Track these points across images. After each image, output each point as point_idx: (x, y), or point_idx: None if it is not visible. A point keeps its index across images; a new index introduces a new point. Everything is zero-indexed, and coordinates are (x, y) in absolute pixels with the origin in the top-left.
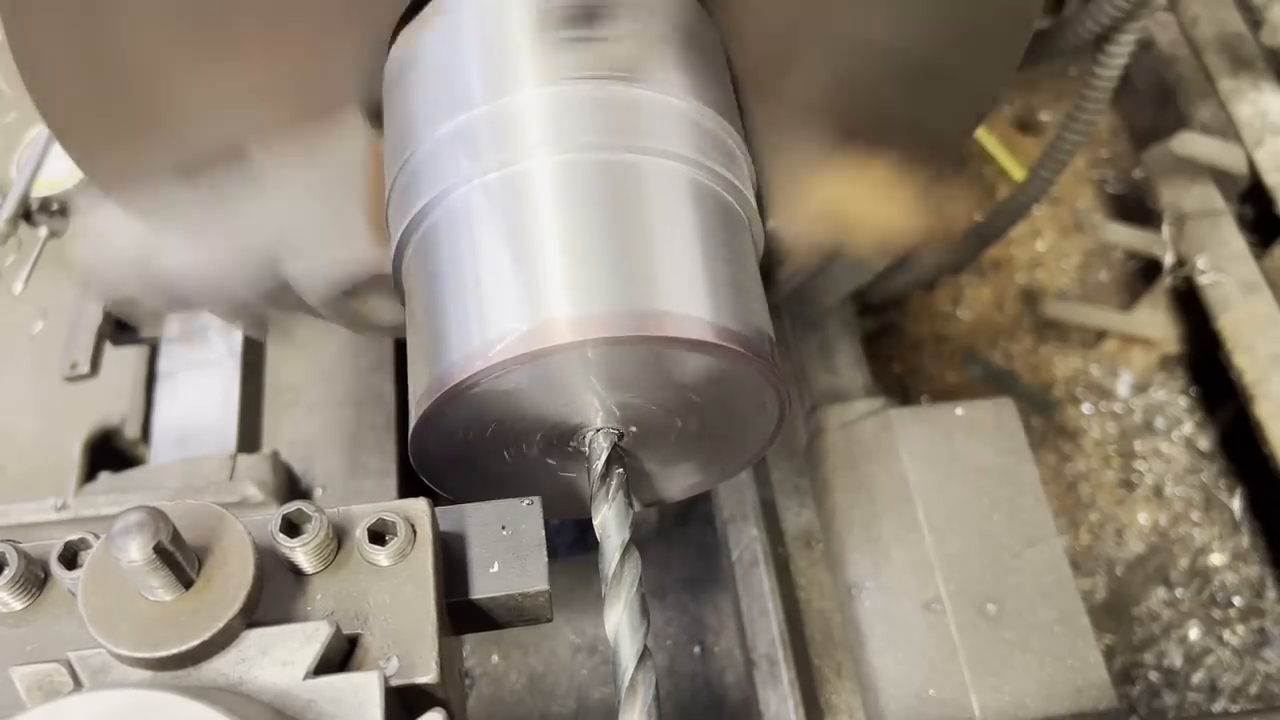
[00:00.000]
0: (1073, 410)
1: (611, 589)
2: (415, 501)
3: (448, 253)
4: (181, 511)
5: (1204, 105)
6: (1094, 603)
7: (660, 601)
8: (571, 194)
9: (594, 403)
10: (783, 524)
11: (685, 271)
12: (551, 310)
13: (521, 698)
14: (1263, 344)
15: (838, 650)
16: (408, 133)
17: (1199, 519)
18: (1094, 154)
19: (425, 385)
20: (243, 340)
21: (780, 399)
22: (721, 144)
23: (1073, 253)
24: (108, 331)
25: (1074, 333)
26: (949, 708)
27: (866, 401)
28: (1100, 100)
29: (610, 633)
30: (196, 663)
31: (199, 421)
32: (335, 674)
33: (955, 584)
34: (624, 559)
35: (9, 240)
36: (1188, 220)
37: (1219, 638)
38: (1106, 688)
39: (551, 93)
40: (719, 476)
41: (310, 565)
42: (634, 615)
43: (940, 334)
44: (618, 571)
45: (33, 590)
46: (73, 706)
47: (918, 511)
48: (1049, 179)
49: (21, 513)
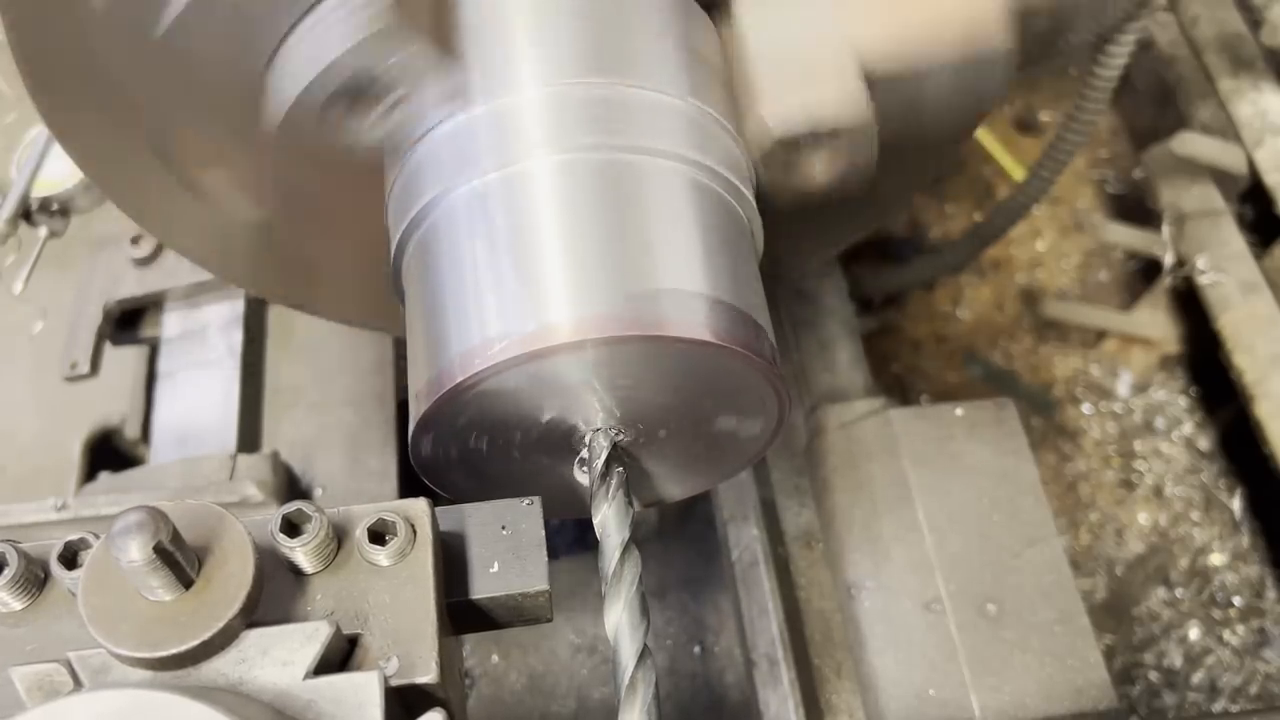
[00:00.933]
0: (1073, 410)
1: (611, 587)
2: (415, 501)
3: (447, 253)
4: (181, 511)
5: (1204, 105)
6: (1094, 603)
7: (660, 601)
8: (571, 194)
9: (594, 403)
10: (783, 524)
11: (685, 272)
12: (551, 310)
13: (521, 698)
14: (1263, 344)
15: (838, 650)
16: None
17: (1199, 519)
18: (1094, 154)
19: (425, 385)
20: (243, 340)
21: (780, 399)
22: (721, 144)
23: (1073, 253)
24: (108, 331)
25: (1074, 333)
26: (949, 708)
27: (866, 401)
28: (1100, 100)
29: (610, 631)
30: (196, 663)
31: (199, 421)
32: (335, 674)
33: (955, 584)
34: (624, 558)
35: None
36: (1188, 220)
37: (1219, 638)
38: (1106, 688)
39: (551, 93)
40: (719, 476)
41: (310, 565)
42: (634, 614)
43: (940, 334)
44: (618, 570)
45: (33, 590)
46: (73, 706)
47: (918, 511)
48: (1049, 179)
49: (21, 513)
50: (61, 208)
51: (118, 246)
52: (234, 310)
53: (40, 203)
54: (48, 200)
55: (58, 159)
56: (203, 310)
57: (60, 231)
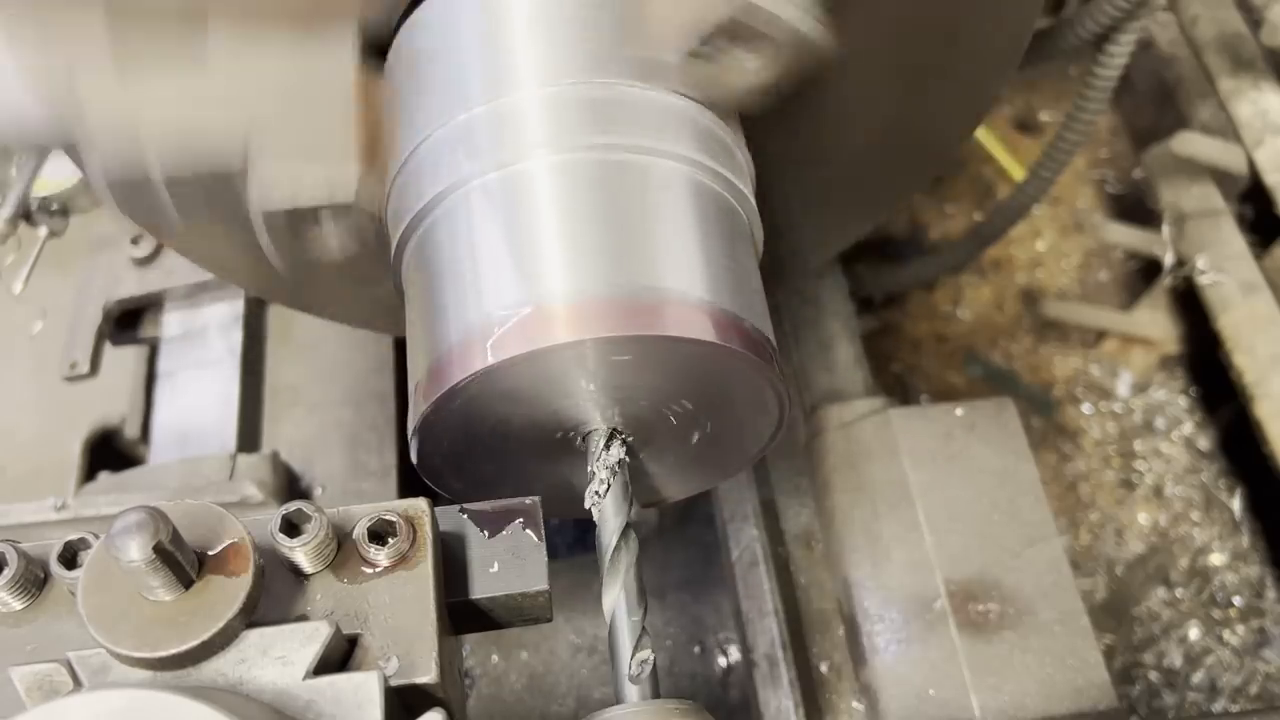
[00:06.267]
0: (1073, 410)
1: (609, 570)
2: (415, 501)
3: (447, 253)
4: (181, 511)
5: (1204, 105)
6: (1094, 603)
7: (660, 601)
8: (570, 194)
9: (593, 402)
10: (783, 524)
11: (685, 271)
12: (551, 310)
13: (521, 698)
14: (1263, 344)
15: (838, 650)
16: (407, 132)
17: (1199, 519)
18: (1094, 154)
19: (424, 384)
20: (243, 340)
21: (780, 399)
22: (721, 144)
23: (1073, 253)
24: (108, 331)
25: (1074, 333)
26: (949, 708)
27: (866, 401)
28: (1100, 100)
29: (607, 612)
30: (196, 663)
31: (199, 421)
32: (335, 674)
33: (955, 584)
34: (622, 541)
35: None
36: (1188, 220)
37: (1219, 638)
38: (1106, 688)
39: (551, 92)
40: (719, 476)
41: (310, 565)
42: (631, 597)
43: (940, 334)
44: (615, 555)
45: (33, 590)
46: (73, 706)
47: (918, 511)
48: (1049, 179)
49: (21, 513)
50: (61, 208)
51: (117, 246)
52: (234, 310)
53: (40, 203)
54: (48, 200)
55: (58, 159)
56: (203, 310)
57: (60, 231)
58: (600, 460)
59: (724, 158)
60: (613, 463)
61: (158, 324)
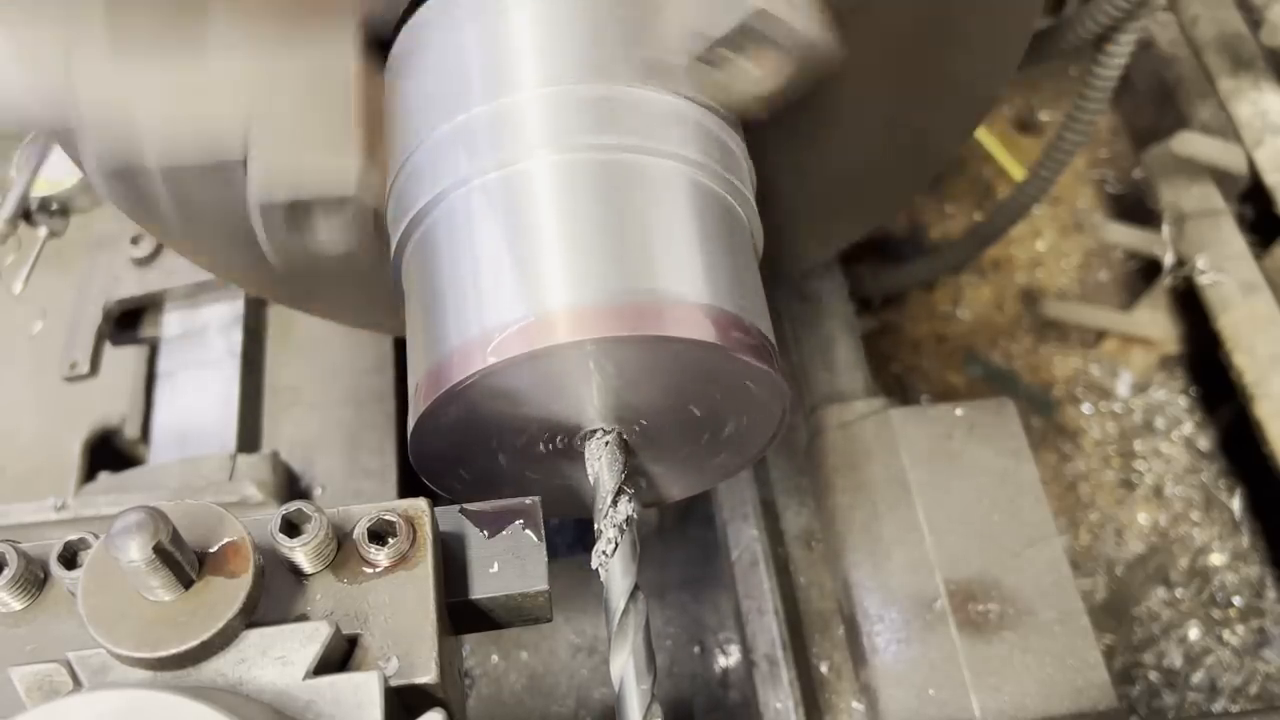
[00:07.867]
0: (1073, 410)
1: (617, 635)
2: (415, 501)
3: (446, 253)
4: (181, 511)
5: (1204, 105)
6: (1094, 603)
7: (660, 601)
8: (570, 194)
9: (593, 402)
10: (783, 524)
11: (685, 271)
12: (551, 310)
13: (521, 698)
14: (1263, 344)
15: (838, 650)
16: (407, 132)
17: (1199, 519)
18: (1094, 154)
19: (424, 385)
20: (243, 340)
21: (781, 399)
22: (721, 144)
23: (1073, 253)
24: (107, 331)
25: (1074, 333)
26: (949, 708)
27: (866, 401)
28: (1100, 100)
29: (615, 679)
30: (196, 663)
31: (199, 421)
32: (335, 674)
33: (955, 584)
34: (630, 604)
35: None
36: (1188, 220)
37: (1219, 638)
38: (1106, 688)
39: (550, 93)
40: (719, 476)
41: (310, 565)
42: (640, 662)
43: (940, 334)
44: (623, 620)
45: (33, 590)
46: (73, 706)
47: (918, 511)
48: (1049, 179)
49: (21, 513)
50: (61, 208)
51: (117, 246)
52: (234, 310)
53: (40, 203)
54: (48, 200)
55: (58, 159)
56: (203, 310)
57: (60, 231)
58: (608, 518)
59: (724, 159)
60: (620, 520)
61: (158, 324)
